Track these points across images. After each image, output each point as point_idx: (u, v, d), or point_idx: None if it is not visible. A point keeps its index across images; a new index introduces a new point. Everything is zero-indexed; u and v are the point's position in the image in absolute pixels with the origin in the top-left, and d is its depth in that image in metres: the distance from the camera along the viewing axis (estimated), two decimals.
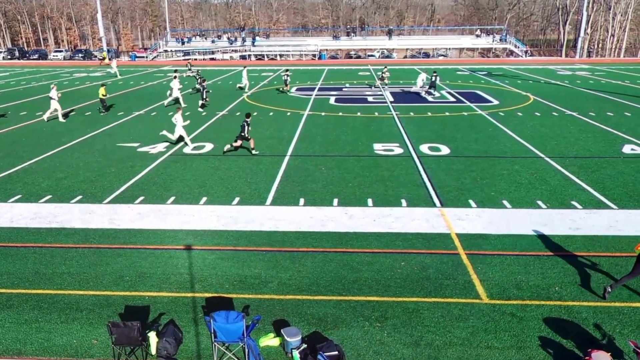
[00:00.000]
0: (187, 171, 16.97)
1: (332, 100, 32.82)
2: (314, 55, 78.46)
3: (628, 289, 9.49)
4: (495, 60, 73.66)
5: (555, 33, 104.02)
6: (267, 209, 13.62)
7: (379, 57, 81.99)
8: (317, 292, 9.53)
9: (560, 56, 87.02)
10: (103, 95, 27.71)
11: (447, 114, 27.32)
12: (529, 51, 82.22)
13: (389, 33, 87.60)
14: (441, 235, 11.87)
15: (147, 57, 78.06)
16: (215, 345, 7.61)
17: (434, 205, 13.78)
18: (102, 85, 28.97)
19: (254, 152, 18.96)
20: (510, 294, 9.41)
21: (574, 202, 13.84)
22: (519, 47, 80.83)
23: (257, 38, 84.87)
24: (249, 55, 78.37)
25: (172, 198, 14.43)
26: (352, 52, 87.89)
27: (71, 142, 21.15)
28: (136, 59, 75.05)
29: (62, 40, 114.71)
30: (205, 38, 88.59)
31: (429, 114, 27.20)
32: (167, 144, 20.56)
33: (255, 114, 27.39)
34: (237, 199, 14.29)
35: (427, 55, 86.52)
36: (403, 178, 16.10)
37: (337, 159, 18.40)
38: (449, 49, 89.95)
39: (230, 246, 11.44)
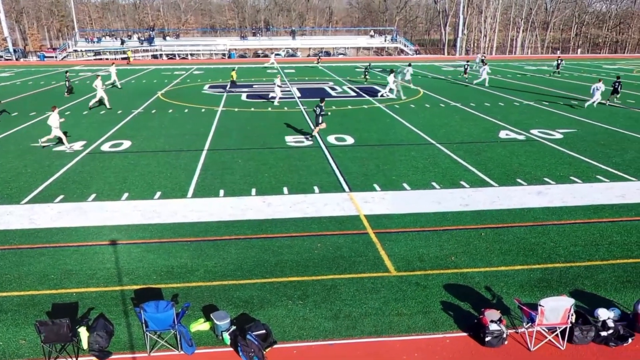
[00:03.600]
0: (107, 168, 16.07)
1: (243, 96, 32.34)
2: (224, 55, 76.83)
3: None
4: (388, 58, 75.94)
5: (438, 34, 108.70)
6: (188, 201, 13.23)
7: (284, 55, 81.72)
8: (241, 276, 9.43)
9: (444, 54, 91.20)
10: (233, 78, 35.79)
11: (349, 107, 27.84)
12: (417, 50, 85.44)
13: (293, 33, 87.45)
14: (351, 218, 12.13)
15: (56, 56, 72.60)
16: (147, 334, 7.34)
17: (344, 190, 14.04)
18: (233, 69, 37.90)
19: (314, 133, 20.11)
20: (414, 265, 9.82)
21: (462, 182, 14.65)
22: (408, 46, 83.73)
23: (167, 38, 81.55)
24: (161, 55, 75.23)
25: (93, 195, 13.61)
26: (260, 52, 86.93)
27: None
28: (45, 59, 69.65)
29: None
30: (116, 38, 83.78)
31: (334, 107, 27.57)
32: (84, 142, 19.35)
33: (170, 111, 26.45)
34: (158, 194, 13.74)
35: (328, 54, 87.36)
36: (314, 167, 16.25)
37: (252, 151, 18.20)
38: (347, 48, 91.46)
39: (156, 239, 11.01)
